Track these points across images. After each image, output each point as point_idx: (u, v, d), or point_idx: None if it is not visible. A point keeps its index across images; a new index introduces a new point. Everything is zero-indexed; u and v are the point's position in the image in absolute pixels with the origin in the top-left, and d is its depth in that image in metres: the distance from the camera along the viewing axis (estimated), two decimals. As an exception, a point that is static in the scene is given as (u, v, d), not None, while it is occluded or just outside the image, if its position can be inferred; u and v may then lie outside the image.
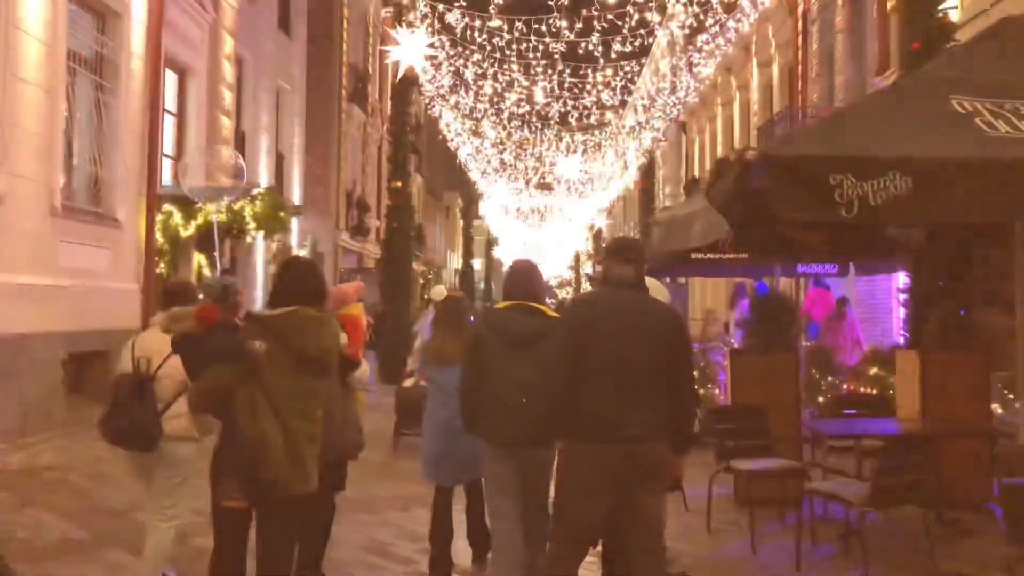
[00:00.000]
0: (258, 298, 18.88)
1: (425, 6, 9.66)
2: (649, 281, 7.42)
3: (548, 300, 5.79)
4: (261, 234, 15.22)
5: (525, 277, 5.14)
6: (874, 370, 10.68)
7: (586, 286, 64.95)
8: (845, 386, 10.68)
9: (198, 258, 13.47)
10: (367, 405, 6.59)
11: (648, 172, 28.59)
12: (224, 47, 15.49)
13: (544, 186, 25.90)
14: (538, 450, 4.68)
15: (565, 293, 72.93)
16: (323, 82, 24.36)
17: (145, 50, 12.31)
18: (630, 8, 9.32)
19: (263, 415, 3.99)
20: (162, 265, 12.67)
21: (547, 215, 30.97)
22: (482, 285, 52.19)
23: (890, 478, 5.53)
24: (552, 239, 38.38)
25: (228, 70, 15.71)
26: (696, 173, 32.05)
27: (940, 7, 8.41)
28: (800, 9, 19.82)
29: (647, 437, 3.98)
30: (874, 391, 10.38)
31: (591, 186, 23.42)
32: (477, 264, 57.35)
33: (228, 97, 15.80)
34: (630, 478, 3.96)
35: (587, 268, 68.70)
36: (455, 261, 68.11)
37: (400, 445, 10.24)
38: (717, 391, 10.88)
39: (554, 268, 62.11)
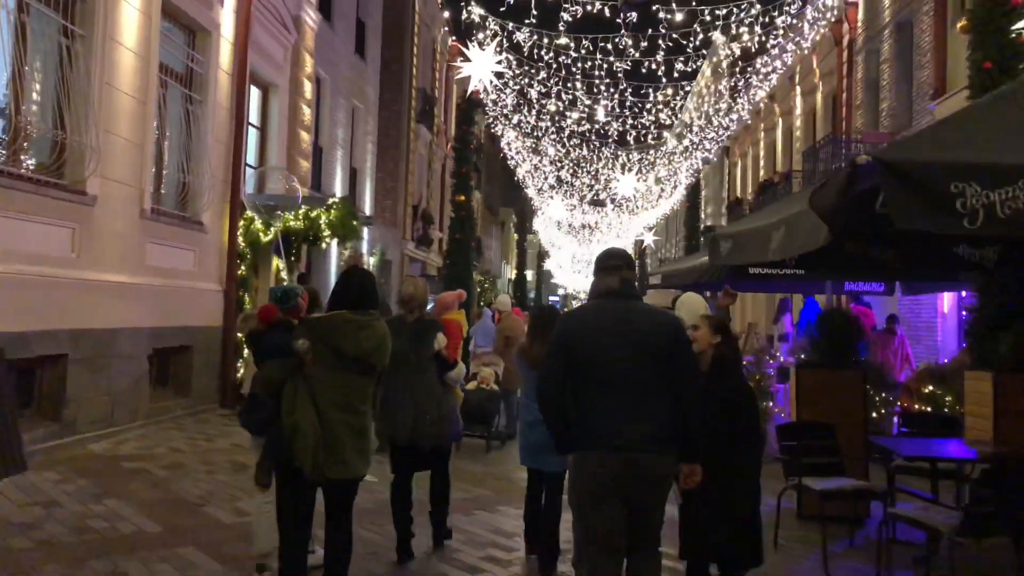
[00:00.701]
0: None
1: (495, 25, 9.06)
2: (690, 296, 6.72)
3: None
4: (335, 241, 14.86)
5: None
6: (928, 387, 9.83)
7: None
8: (899, 404, 9.84)
9: (276, 262, 13.10)
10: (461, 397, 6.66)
11: (694, 192, 27.73)
12: (305, 66, 15.16)
13: (597, 203, 25.20)
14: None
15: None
16: (394, 103, 24.08)
17: (232, 66, 11.99)
18: (696, 27, 8.64)
19: (301, 407, 4.17)
20: (243, 268, 12.30)
21: (597, 231, 30.17)
22: (533, 294, 51.51)
23: (982, 506, 4.79)
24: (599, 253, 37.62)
25: (308, 88, 15.38)
26: (738, 194, 31.18)
27: (1015, 27, 7.60)
28: (846, 40, 18.94)
29: (647, 447, 3.66)
30: (928, 409, 9.55)
31: (641, 203, 22.65)
32: (529, 275, 56.95)
33: (307, 113, 15.47)
34: (631, 486, 3.68)
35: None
36: (508, 272, 67.71)
37: (463, 447, 9.65)
38: (770, 404, 10.13)
39: (599, 280, 61.40)
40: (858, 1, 17.38)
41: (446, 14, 28.78)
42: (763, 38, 10.40)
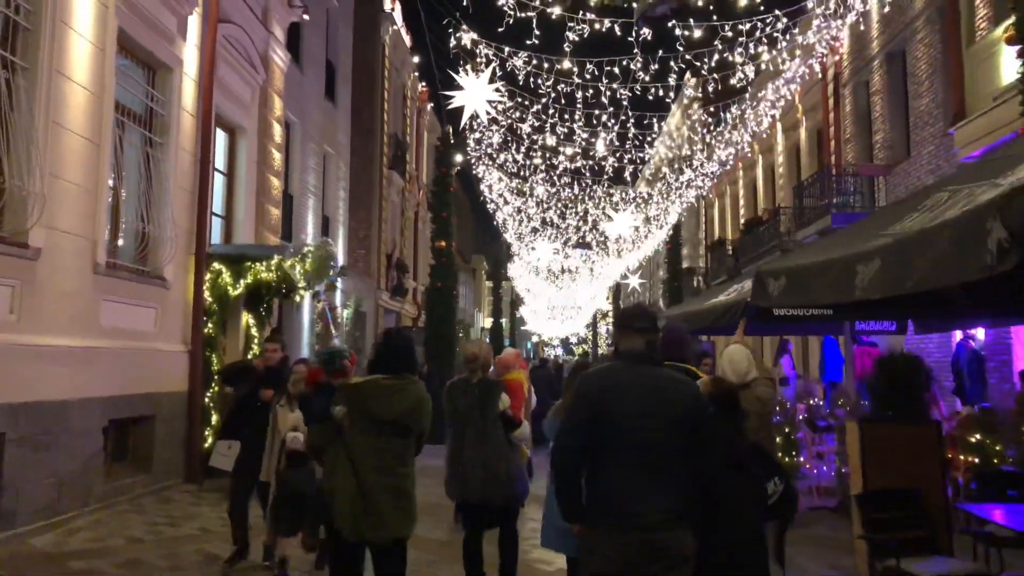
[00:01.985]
0: (304, 355, 17.37)
1: (487, 49, 8.19)
2: (735, 350, 5.80)
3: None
4: (309, 294, 13.80)
5: (675, 338, 5.11)
6: (975, 436, 8.95)
7: (604, 343, 63.24)
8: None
9: (246, 317, 11.99)
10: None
11: (675, 233, 27.10)
12: (274, 108, 14.22)
13: (583, 245, 24.40)
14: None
15: (582, 351, 71.05)
16: (365, 149, 23.23)
17: (196, 106, 11.00)
18: (717, 43, 7.85)
19: (340, 471, 4.32)
20: (210, 325, 11.15)
21: (578, 275, 29.33)
22: (507, 342, 50.45)
23: None
24: (579, 298, 36.69)
25: (277, 131, 14.42)
26: (717, 235, 30.65)
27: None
28: (831, 73, 18.52)
29: (667, 524, 3.47)
30: (976, 460, 8.66)
31: (626, 245, 21.87)
32: (488, 323, 55.97)
33: (277, 158, 14.48)
34: (646, 567, 3.44)
35: (602, 327, 67.05)
36: (480, 320, 66.58)
37: (462, 520, 8.51)
38: (800, 459, 9.19)
39: (574, 327, 60.45)
40: (842, 34, 16.95)
41: (416, 59, 28.21)
42: (752, 76, 9.68)
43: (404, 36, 26.74)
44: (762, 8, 7.10)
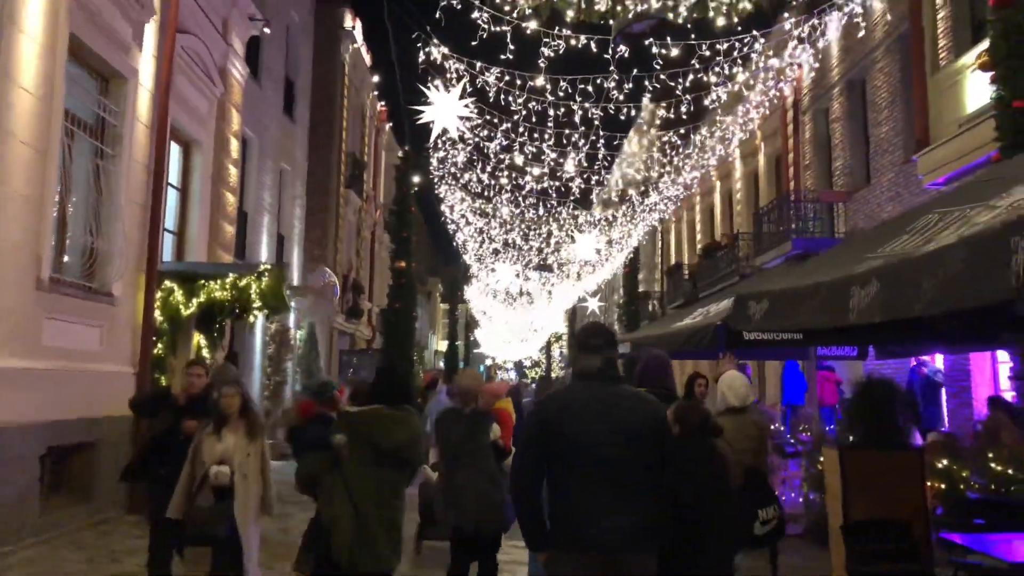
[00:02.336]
0: (255, 380, 16.85)
1: (457, 63, 7.99)
2: (732, 377, 5.70)
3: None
4: (263, 315, 13.35)
5: (656, 365, 5.19)
6: (942, 462, 8.91)
7: (560, 366, 63.08)
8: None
9: (198, 338, 11.51)
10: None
11: (634, 257, 27.17)
12: (232, 123, 13.83)
13: (544, 267, 24.27)
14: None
15: (535, 375, 70.76)
16: (322, 167, 22.84)
17: (151, 118, 10.58)
18: (695, 63, 7.76)
19: (338, 501, 4.29)
20: (159, 346, 10.66)
21: (536, 298, 29.19)
22: (462, 365, 50.01)
23: None
24: (536, 321, 36.54)
25: (234, 146, 14.02)
26: (673, 259, 30.80)
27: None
28: (790, 100, 18.76)
29: (631, 545, 3.41)
30: (943, 486, 8.61)
31: (587, 268, 21.79)
32: (444, 345, 55.51)
33: (233, 174, 14.07)
34: None
35: (556, 351, 66.93)
36: (435, 343, 66.03)
37: (423, 552, 8.17)
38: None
39: (528, 350, 60.22)
40: (801, 62, 17.20)
41: (375, 78, 27.95)
42: (714, 103, 9.68)
43: (364, 55, 26.49)
44: (739, 29, 7.05)
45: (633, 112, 8.44)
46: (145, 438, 6.64)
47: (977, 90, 9.59)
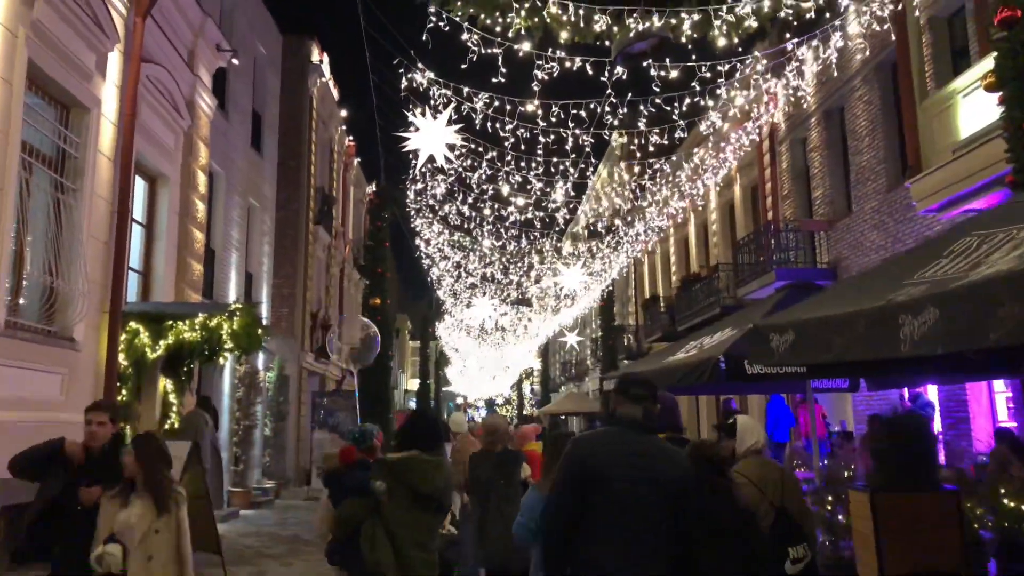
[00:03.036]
0: (224, 425, 16.14)
1: (447, 92, 7.64)
2: (747, 421, 5.44)
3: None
4: (232, 356, 12.74)
5: (668, 407, 5.09)
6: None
7: (529, 401, 62.39)
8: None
9: (164, 382, 10.89)
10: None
11: (611, 290, 26.94)
12: (199, 157, 13.33)
13: (523, 302, 23.89)
14: None
15: (505, 412, 69.99)
16: (291, 203, 22.34)
17: (115, 150, 10.06)
18: (695, 85, 7.49)
19: (380, 545, 4.40)
20: (124, 392, 10.02)
21: (511, 333, 28.76)
22: (432, 403, 49.23)
23: None
24: (509, 357, 36.06)
25: (202, 181, 13.50)
26: (647, 292, 30.59)
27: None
28: (766, 130, 18.74)
29: None
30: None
31: (566, 302, 21.46)
32: (415, 384, 54.76)
33: (201, 209, 13.52)
34: None
35: (526, 387, 66.29)
36: (404, 381, 65.09)
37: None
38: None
39: (499, 387, 59.65)
40: (777, 91, 17.20)
41: (343, 112, 27.60)
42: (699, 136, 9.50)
43: (332, 88, 26.15)
44: (740, 50, 6.80)
45: (625, 139, 8.17)
46: (34, 509, 5.13)
47: (972, 114, 9.49)
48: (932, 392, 12.72)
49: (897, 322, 4.07)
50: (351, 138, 29.36)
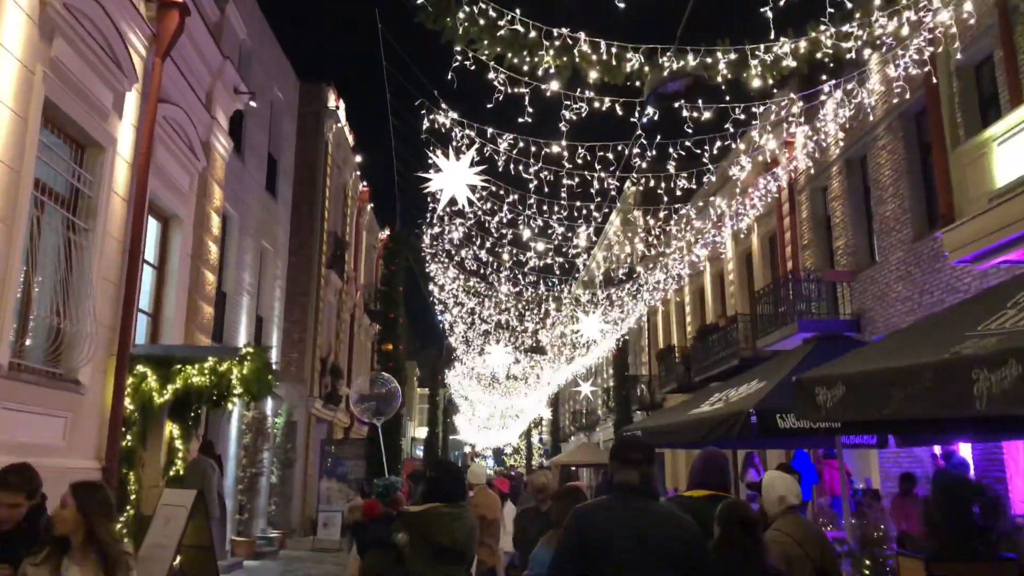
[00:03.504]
0: (230, 472, 15.75)
1: (471, 132, 7.44)
2: (777, 477, 5.26)
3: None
4: (241, 402, 12.43)
5: (719, 465, 4.99)
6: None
7: (538, 453, 61.43)
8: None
9: (170, 427, 10.57)
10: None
11: (625, 341, 26.56)
12: (213, 198, 13.19)
13: (537, 350, 23.52)
14: None
15: (514, 461, 68.89)
16: (304, 247, 22.23)
17: (128, 190, 9.91)
18: (728, 127, 7.27)
19: None
20: (129, 437, 9.70)
21: (522, 382, 28.32)
22: (440, 452, 48.52)
23: None
24: (520, 405, 35.53)
25: (215, 223, 13.34)
26: (661, 342, 30.18)
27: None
28: (785, 179, 18.55)
29: None
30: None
31: (581, 351, 21.10)
32: (422, 432, 54.07)
33: (214, 252, 13.34)
34: None
35: (535, 437, 65.41)
36: (411, 430, 64.35)
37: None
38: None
39: (508, 436, 58.86)
40: (800, 138, 17.07)
41: (358, 158, 27.66)
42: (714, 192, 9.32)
43: (347, 134, 26.25)
44: (775, 91, 6.60)
45: (652, 183, 7.97)
46: None
47: (1008, 162, 9.25)
48: (965, 449, 12.26)
49: (970, 376, 3.76)
50: (365, 183, 29.40)
